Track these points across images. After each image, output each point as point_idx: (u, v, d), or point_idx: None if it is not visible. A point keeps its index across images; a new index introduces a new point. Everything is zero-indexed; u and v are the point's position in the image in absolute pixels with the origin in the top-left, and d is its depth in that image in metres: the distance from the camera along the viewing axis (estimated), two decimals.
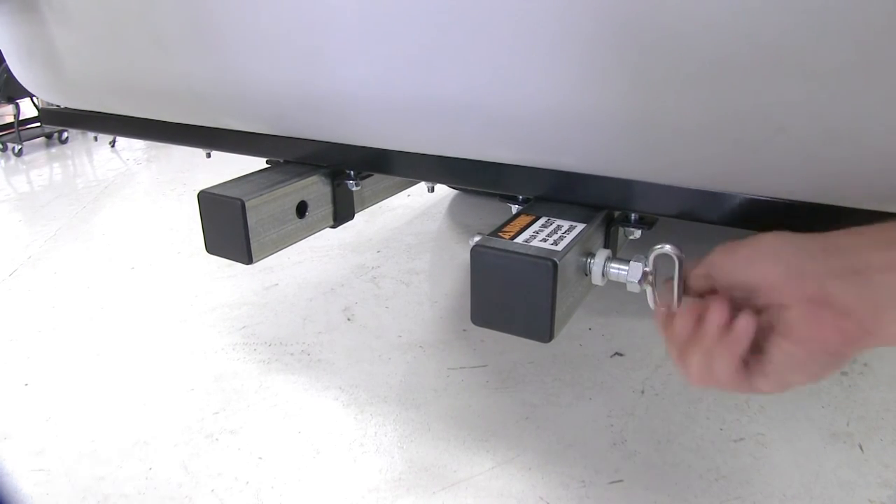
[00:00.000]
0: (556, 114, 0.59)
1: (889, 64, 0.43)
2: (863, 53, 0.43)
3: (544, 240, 0.63)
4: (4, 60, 1.12)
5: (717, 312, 0.46)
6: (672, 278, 0.52)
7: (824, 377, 0.43)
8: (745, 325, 0.44)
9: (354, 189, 0.97)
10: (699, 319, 0.47)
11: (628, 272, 0.61)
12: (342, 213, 0.98)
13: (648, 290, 0.57)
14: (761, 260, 0.45)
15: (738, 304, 0.47)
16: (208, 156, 1.23)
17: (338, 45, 0.67)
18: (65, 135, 4.17)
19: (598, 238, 0.70)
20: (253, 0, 0.70)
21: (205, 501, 1.07)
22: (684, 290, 0.52)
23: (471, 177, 0.76)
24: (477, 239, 0.66)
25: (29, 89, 1.17)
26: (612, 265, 0.64)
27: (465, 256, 0.62)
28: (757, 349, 0.45)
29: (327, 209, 0.96)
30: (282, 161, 0.97)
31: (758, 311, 0.46)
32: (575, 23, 0.52)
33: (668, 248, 0.52)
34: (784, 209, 0.58)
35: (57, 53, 0.98)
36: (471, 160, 0.74)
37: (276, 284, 1.85)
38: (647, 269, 0.59)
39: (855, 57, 0.44)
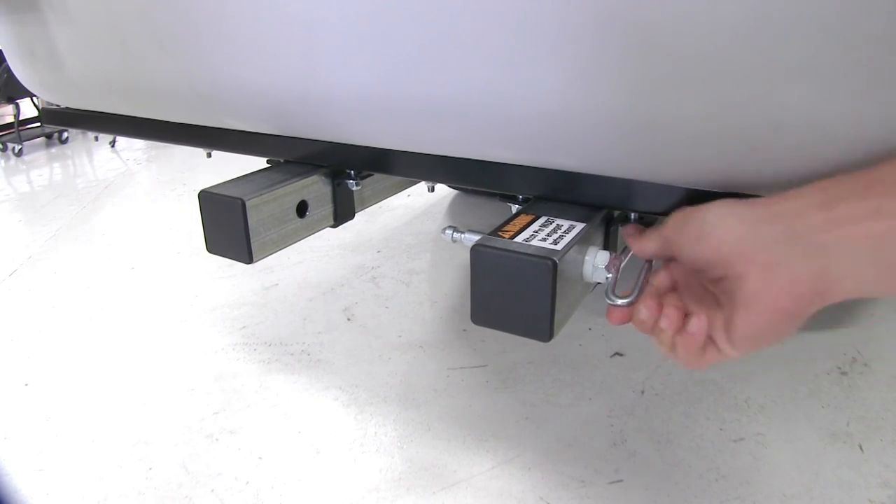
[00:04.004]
0: (556, 114, 0.59)
1: (887, 62, 0.43)
2: (861, 52, 0.43)
3: (544, 239, 0.63)
4: (5, 60, 1.13)
5: (668, 319, 0.49)
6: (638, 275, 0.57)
7: (790, 334, 0.45)
8: (697, 326, 0.48)
9: (355, 189, 0.97)
10: (657, 320, 0.51)
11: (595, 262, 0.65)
12: (342, 212, 0.98)
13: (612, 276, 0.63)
14: (708, 237, 0.47)
15: (698, 279, 0.51)
16: (209, 156, 1.23)
17: (338, 44, 0.67)
18: (65, 135, 4.18)
19: (598, 237, 0.71)
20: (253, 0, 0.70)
21: (205, 501, 1.07)
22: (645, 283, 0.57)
23: (471, 177, 0.76)
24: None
25: (29, 89, 1.17)
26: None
27: (465, 256, 0.62)
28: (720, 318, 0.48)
29: (328, 209, 0.96)
30: (282, 161, 0.97)
31: (718, 280, 0.48)
32: (574, 22, 0.52)
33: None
34: None
35: (58, 53, 0.98)
36: (471, 160, 0.74)
37: (276, 284, 1.85)
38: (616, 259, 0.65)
39: (853, 55, 0.44)
